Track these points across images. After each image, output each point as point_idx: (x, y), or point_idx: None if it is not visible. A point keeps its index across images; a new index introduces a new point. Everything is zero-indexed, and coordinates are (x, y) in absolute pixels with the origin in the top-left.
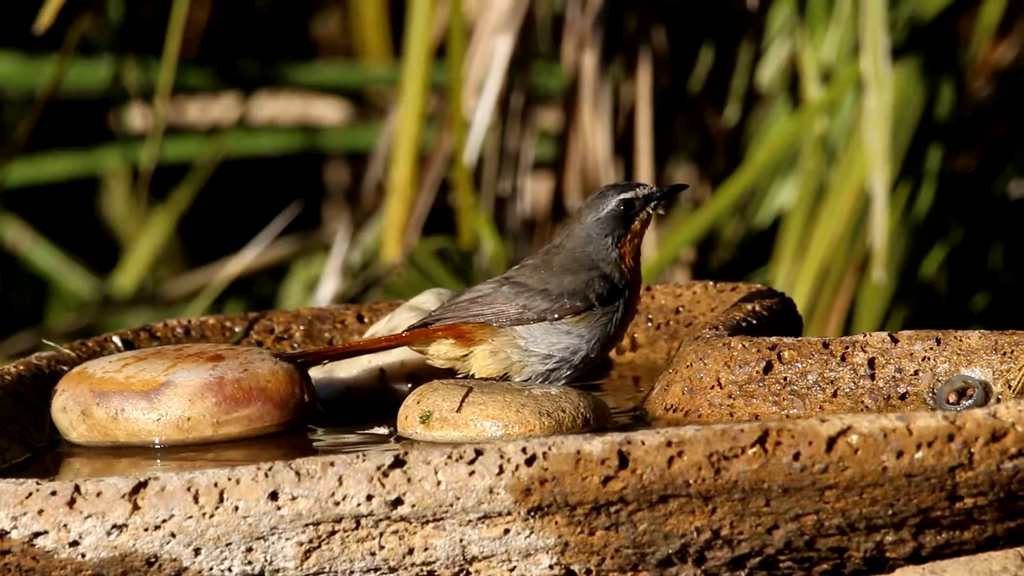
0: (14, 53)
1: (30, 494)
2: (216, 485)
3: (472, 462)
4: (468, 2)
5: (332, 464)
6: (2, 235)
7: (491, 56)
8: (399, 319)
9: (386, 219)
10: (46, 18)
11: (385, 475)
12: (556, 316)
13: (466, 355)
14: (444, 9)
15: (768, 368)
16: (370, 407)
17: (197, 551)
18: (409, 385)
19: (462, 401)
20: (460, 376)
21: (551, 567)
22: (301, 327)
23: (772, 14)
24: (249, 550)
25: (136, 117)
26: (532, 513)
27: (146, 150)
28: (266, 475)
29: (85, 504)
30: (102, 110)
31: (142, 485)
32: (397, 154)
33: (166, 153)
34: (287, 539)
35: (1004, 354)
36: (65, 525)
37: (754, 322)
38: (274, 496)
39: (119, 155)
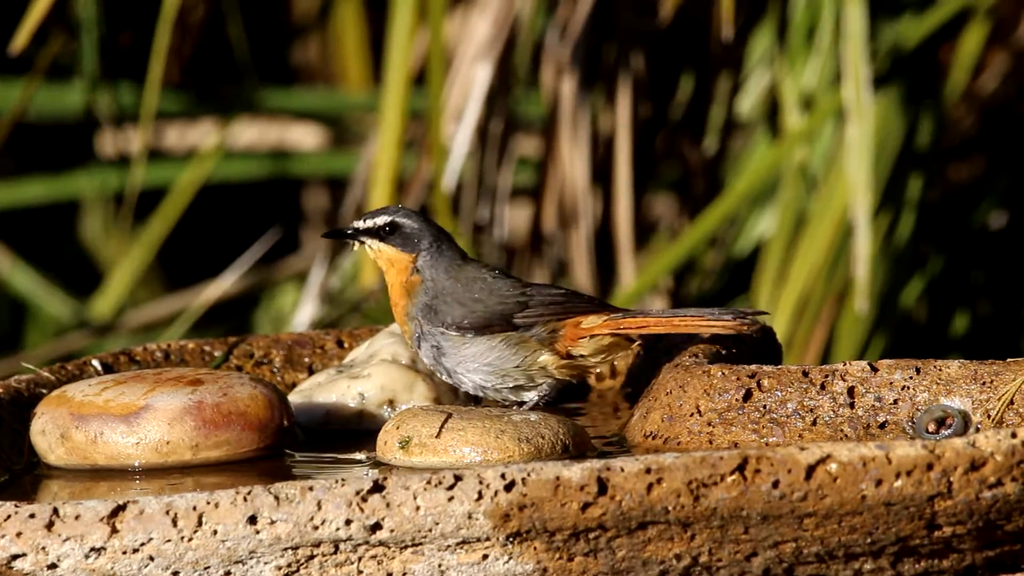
0: None
1: (8, 516)
2: (195, 509)
3: (451, 487)
4: (448, 30)
5: (311, 488)
6: None
7: (471, 83)
8: (379, 344)
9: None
10: (21, 40)
11: (364, 500)
12: None
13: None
14: (424, 36)
15: (748, 396)
16: (349, 433)
17: (175, 574)
18: (388, 411)
19: (441, 427)
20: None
21: None
22: (281, 352)
23: (752, 43)
24: (228, 574)
25: (112, 141)
26: (511, 539)
27: (128, 175)
28: (245, 499)
29: (63, 527)
30: (81, 134)
31: (121, 508)
32: (375, 181)
33: (145, 178)
34: (266, 563)
35: (983, 383)
36: (43, 548)
37: (734, 350)
38: (253, 520)
39: (97, 179)
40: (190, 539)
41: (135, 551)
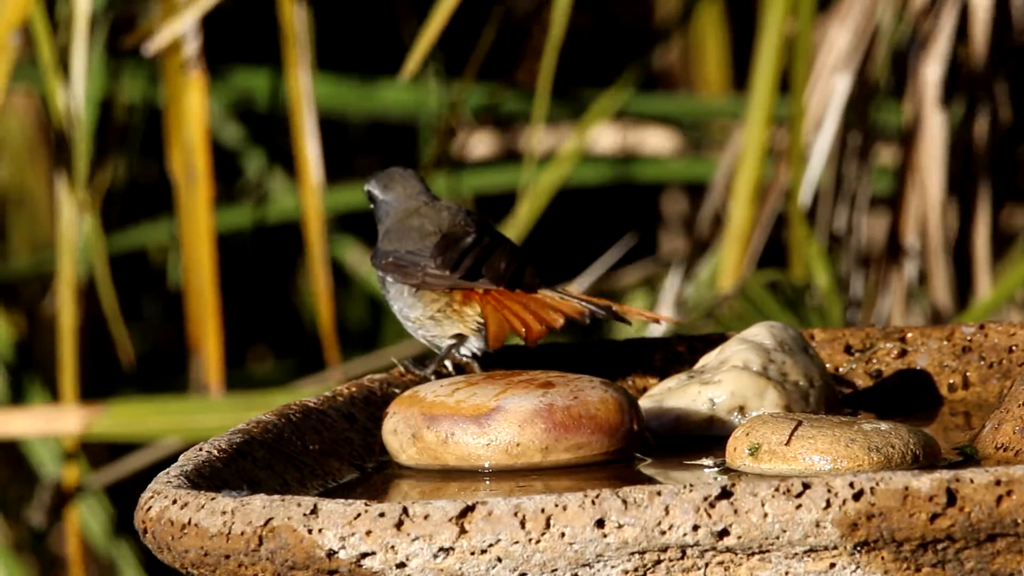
0: (333, 75)
1: (358, 515)
2: (543, 511)
3: (799, 495)
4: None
5: (659, 493)
6: (342, 257)
7: (830, 92)
8: (730, 351)
9: (722, 256)
10: (413, 64)
11: (712, 506)
12: None
13: None
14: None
15: None
16: (699, 438)
17: None
18: (738, 417)
19: (791, 434)
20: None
21: None
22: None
23: None
24: None
25: (475, 143)
26: (858, 548)
27: (481, 176)
28: (593, 502)
29: (412, 526)
30: (444, 136)
31: (469, 509)
32: (736, 187)
33: (502, 180)
34: (612, 567)
35: None
36: (392, 547)
37: None
38: (600, 524)
39: (451, 180)
40: (538, 541)
41: (483, 552)
